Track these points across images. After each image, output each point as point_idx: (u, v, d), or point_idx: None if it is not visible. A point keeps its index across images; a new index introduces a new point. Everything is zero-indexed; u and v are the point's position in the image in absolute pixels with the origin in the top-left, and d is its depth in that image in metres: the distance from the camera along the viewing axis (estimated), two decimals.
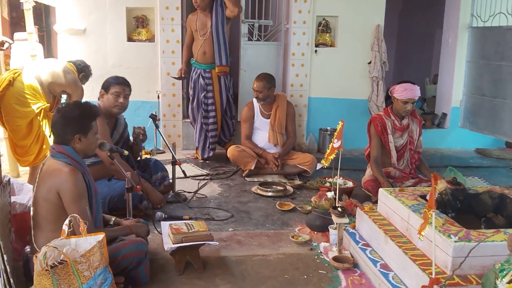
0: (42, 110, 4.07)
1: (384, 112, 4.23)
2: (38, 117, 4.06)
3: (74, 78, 4.30)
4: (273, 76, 5.01)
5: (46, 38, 13.72)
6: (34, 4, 5.86)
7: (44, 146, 4.09)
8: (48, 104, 4.17)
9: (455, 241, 2.33)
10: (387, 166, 4.25)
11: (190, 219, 3.55)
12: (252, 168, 4.78)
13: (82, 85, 4.44)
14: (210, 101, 5.20)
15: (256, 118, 5.01)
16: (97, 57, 5.46)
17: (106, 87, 3.68)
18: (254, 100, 5.03)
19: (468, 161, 5.75)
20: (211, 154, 5.34)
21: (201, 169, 5.05)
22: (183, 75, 5.34)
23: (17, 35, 7.63)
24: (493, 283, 1.56)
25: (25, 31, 5.86)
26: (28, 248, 2.69)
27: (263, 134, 4.99)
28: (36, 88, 4.10)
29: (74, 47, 5.45)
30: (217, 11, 5.07)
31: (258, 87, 4.86)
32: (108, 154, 3.01)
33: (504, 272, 1.52)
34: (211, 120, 5.26)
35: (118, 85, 3.67)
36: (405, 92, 4.01)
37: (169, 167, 4.18)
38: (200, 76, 5.15)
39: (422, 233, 2.25)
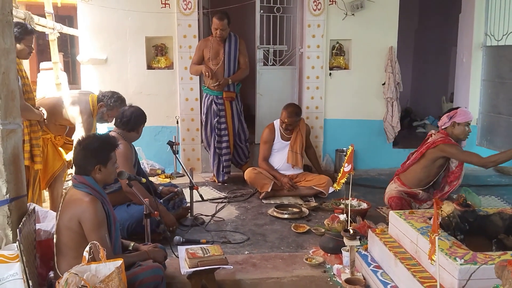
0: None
1: (445, 135, 4.17)
2: None
3: (77, 111, 4.29)
4: (300, 107, 5.23)
5: (71, 64, 14.19)
6: (59, 35, 6.16)
7: (48, 167, 4.17)
8: (50, 134, 4.24)
9: (461, 264, 2.37)
10: (419, 187, 4.28)
11: (207, 242, 3.66)
12: (269, 190, 4.88)
13: (100, 117, 4.48)
14: (223, 126, 5.36)
15: (276, 141, 5.15)
16: (118, 85, 5.66)
17: (145, 122, 4.04)
18: (275, 122, 5.18)
19: (485, 179, 5.73)
20: (226, 177, 5.48)
21: (219, 192, 5.17)
22: (224, 81, 5.24)
23: (43, 64, 7.96)
24: None
25: (50, 59, 6.14)
26: (52, 274, 2.84)
27: (281, 155, 5.12)
28: None
29: (96, 76, 5.68)
30: (231, 41, 5.26)
31: (290, 121, 5.00)
32: (127, 182, 3.15)
33: None
34: (224, 145, 5.41)
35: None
36: (468, 114, 4.13)
37: (187, 191, 4.31)
38: (213, 102, 5.32)
39: (433, 257, 2.30)
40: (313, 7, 5.76)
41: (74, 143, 4.29)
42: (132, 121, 3.91)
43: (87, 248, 2.49)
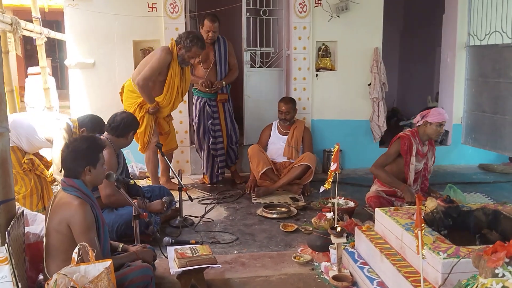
0: None
1: (411, 134, 4.32)
2: None
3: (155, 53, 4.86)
4: (295, 99, 5.46)
5: (60, 69, 14.17)
6: (46, 39, 6.17)
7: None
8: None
9: (444, 258, 2.43)
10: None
11: (196, 243, 3.69)
12: (262, 171, 5.03)
13: (181, 60, 4.80)
14: (217, 127, 5.41)
15: (273, 134, 5.40)
16: (106, 89, 5.70)
17: (136, 129, 4.05)
18: (275, 122, 5.46)
19: (471, 177, 5.82)
20: (220, 178, 5.54)
21: (208, 193, 5.20)
22: (218, 85, 5.32)
23: (31, 69, 7.96)
24: None
25: (38, 64, 6.15)
26: (41, 276, 2.85)
27: (277, 148, 5.35)
28: None
29: (84, 80, 5.69)
30: (220, 44, 5.32)
31: (287, 108, 5.27)
32: (115, 184, 3.17)
33: (469, 287, 1.63)
34: (219, 146, 5.46)
35: None
36: (441, 115, 4.21)
37: (176, 193, 4.35)
38: (206, 105, 5.36)
39: (422, 252, 2.35)
40: (299, 10, 5.82)
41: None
42: (121, 127, 3.85)
43: (76, 250, 2.51)
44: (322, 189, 3.48)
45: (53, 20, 12.10)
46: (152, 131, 4.84)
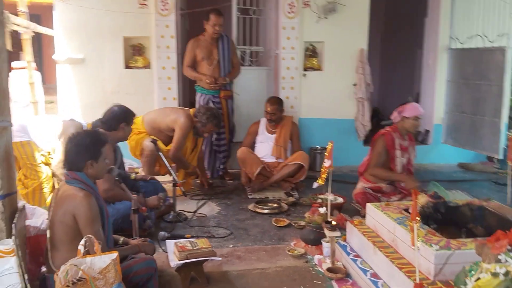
0: None
1: (392, 130, 4.46)
2: None
3: (177, 121, 4.86)
4: (281, 99, 5.50)
5: (38, 64, 13.95)
6: (34, 34, 6.12)
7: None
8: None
9: (436, 250, 2.58)
10: (380, 183, 4.51)
11: (191, 237, 3.77)
12: (257, 172, 5.09)
13: (195, 132, 4.95)
14: (221, 124, 5.46)
15: (261, 133, 5.44)
16: (96, 85, 5.71)
17: (129, 120, 3.97)
18: (262, 119, 5.47)
19: (451, 175, 6.04)
20: (221, 173, 5.66)
21: (199, 189, 5.26)
22: (222, 81, 5.40)
23: (15, 63, 7.83)
24: (463, 281, 1.82)
25: (20, 57, 6.08)
26: (44, 268, 2.89)
27: (265, 147, 5.40)
28: None
29: (73, 75, 5.68)
30: (223, 41, 5.40)
31: (272, 109, 5.31)
32: (116, 178, 3.23)
33: (473, 272, 1.77)
34: (222, 142, 5.55)
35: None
36: (416, 109, 4.39)
37: (169, 188, 4.43)
38: (210, 102, 5.41)
39: (417, 243, 2.48)
40: (288, 10, 5.94)
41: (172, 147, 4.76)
42: (110, 120, 3.84)
43: (82, 242, 2.56)
44: (315, 185, 3.60)
45: (32, 14, 11.91)
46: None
